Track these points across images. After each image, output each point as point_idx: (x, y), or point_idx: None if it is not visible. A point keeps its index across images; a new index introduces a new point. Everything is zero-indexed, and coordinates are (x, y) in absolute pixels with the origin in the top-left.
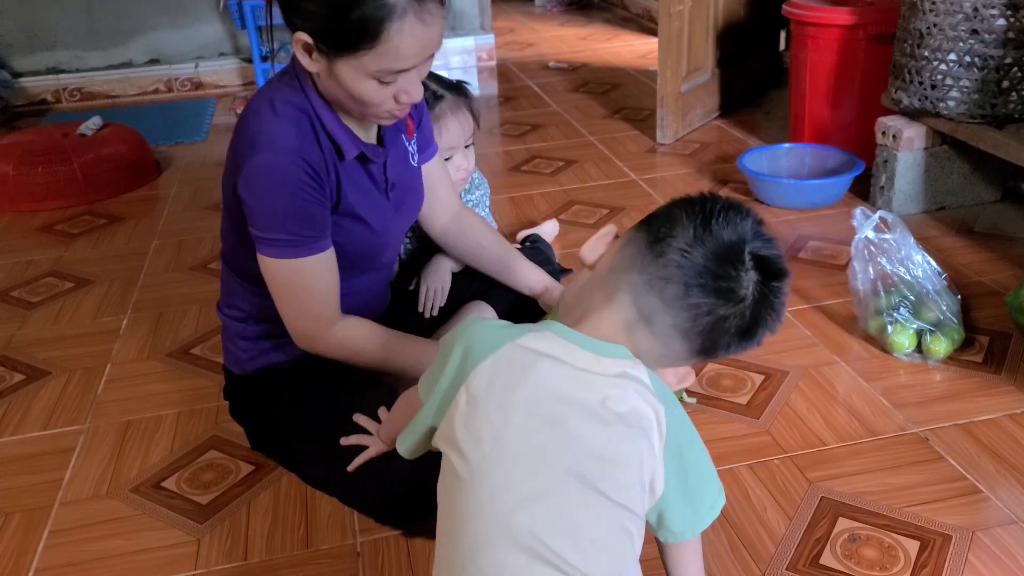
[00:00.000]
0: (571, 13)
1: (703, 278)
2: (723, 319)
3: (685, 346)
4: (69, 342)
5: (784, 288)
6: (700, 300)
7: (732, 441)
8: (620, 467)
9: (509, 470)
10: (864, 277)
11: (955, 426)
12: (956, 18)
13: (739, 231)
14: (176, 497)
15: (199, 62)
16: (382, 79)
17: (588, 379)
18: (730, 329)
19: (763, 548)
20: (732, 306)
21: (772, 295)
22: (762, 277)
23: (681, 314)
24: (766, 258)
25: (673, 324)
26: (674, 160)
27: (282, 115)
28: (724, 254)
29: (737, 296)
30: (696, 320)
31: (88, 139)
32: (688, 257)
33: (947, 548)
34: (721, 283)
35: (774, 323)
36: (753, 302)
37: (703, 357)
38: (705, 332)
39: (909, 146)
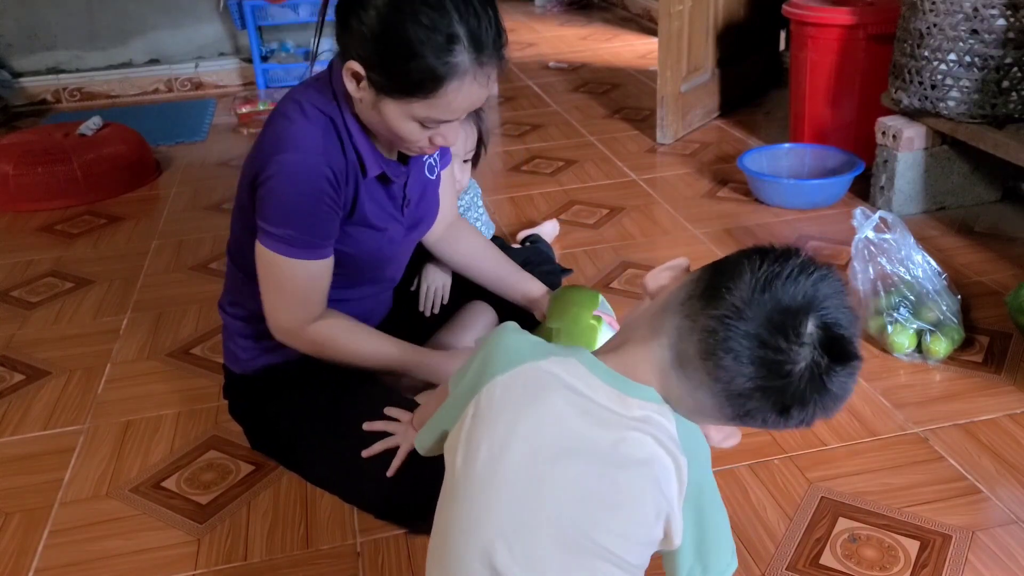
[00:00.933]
0: (571, 13)
1: (747, 342)
2: (759, 391)
3: (714, 405)
4: (69, 342)
5: (848, 374)
6: (737, 366)
7: None
8: (620, 514)
9: (499, 498)
10: (864, 277)
11: (955, 426)
12: (956, 18)
13: (808, 296)
14: (176, 497)
15: (199, 62)
16: (426, 124)
17: (605, 417)
18: (766, 405)
19: (763, 548)
20: (773, 381)
21: (828, 378)
22: (823, 355)
23: (715, 373)
24: (835, 335)
25: (704, 381)
26: (674, 160)
27: (312, 119)
28: (780, 321)
29: (783, 371)
30: (730, 384)
31: (88, 139)
32: (737, 316)
33: (947, 548)
34: (768, 353)
35: (825, 409)
36: (802, 382)
37: (736, 422)
38: (736, 399)
39: (909, 146)
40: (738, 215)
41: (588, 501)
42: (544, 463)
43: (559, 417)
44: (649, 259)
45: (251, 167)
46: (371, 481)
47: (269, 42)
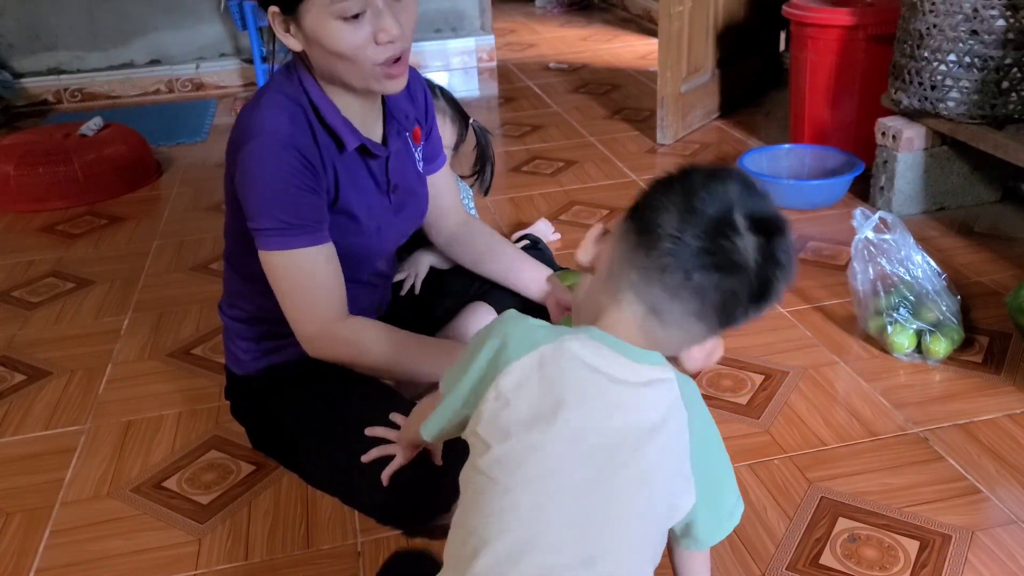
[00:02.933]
0: (571, 14)
1: (700, 259)
2: (732, 292)
3: (702, 326)
4: (70, 342)
5: (787, 241)
6: (703, 281)
7: (732, 441)
8: (655, 487)
9: (551, 504)
10: (864, 277)
11: (955, 426)
12: (956, 19)
13: (724, 199)
14: (177, 497)
15: (200, 63)
16: (344, 14)
17: (631, 396)
18: (742, 298)
19: (763, 548)
20: (738, 276)
21: (776, 252)
22: (761, 237)
23: (689, 300)
24: (760, 217)
25: (684, 311)
26: (674, 160)
27: (275, 106)
28: (714, 228)
29: (739, 265)
30: (706, 300)
31: (89, 139)
32: (680, 243)
33: (947, 548)
34: (720, 258)
35: (785, 278)
36: (758, 266)
37: (723, 329)
38: (719, 308)
39: (909, 146)
40: None
41: (633, 484)
42: (588, 463)
43: (595, 412)
44: None
45: (228, 168)
46: (370, 485)
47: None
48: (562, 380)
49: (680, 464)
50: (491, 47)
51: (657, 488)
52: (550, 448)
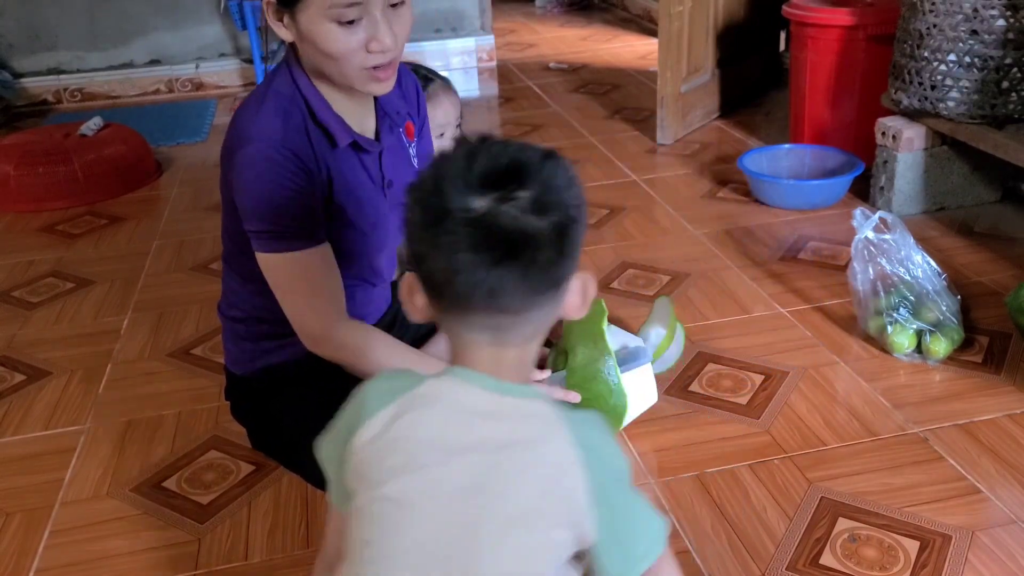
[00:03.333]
0: (571, 14)
1: (465, 238)
2: (517, 259)
3: (538, 297)
4: (70, 342)
5: (532, 178)
6: (481, 277)
7: (732, 441)
8: (527, 528)
9: (407, 556)
10: (864, 277)
11: (955, 426)
12: (956, 19)
13: (440, 189)
14: (177, 497)
15: (200, 63)
16: (340, 19)
17: (494, 434)
18: (530, 255)
19: (763, 548)
20: (507, 244)
21: (517, 196)
22: (495, 191)
23: (502, 295)
24: (484, 174)
25: (510, 307)
26: (674, 160)
27: (269, 108)
28: (448, 218)
29: (498, 234)
30: (509, 286)
31: (89, 139)
32: (435, 244)
33: (947, 548)
34: (478, 243)
35: (555, 208)
36: (515, 216)
37: (555, 279)
38: (528, 279)
39: (909, 146)
40: (738, 216)
41: (494, 524)
42: (446, 501)
43: (451, 451)
44: (649, 259)
45: (224, 171)
46: None
47: (269, 42)
48: (418, 428)
49: (566, 504)
50: (491, 47)
51: (536, 530)
52: (407, 499)
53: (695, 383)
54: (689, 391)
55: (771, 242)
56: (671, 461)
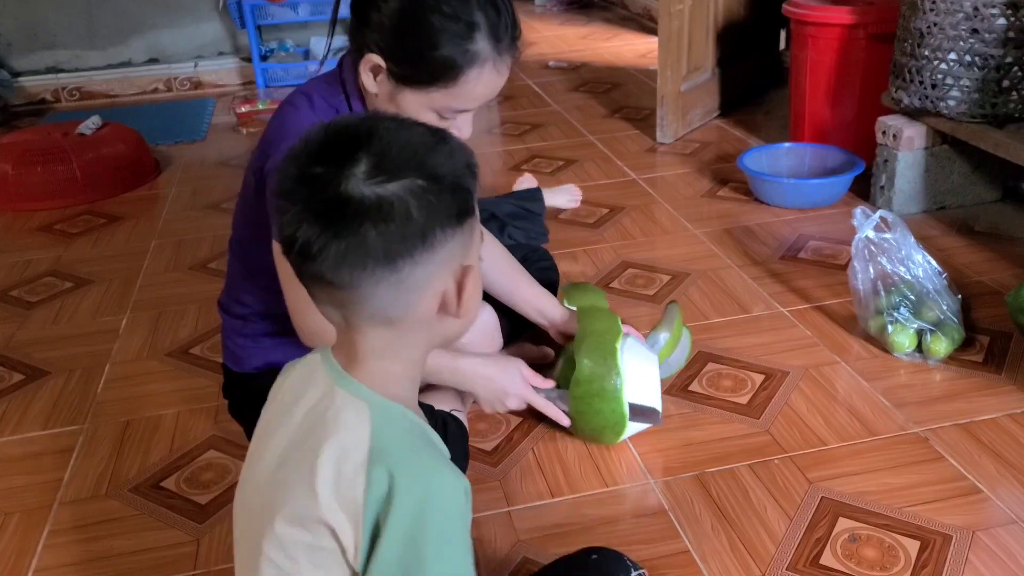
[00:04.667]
0: (571, 12)
1: (293, 215)
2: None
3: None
4: (68, 342)
5: (369, 145)
6: (294, 232)
7: (732, 441)
8: (296, 559)
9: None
10: (864, 277)
11: (955, 426)
12: (956, 17)
13: (295, 160)
14: (175, 497)
15: (198, 61)
16: (443, 115)
17: (310, 417)
18: (389, 223)
19: (763, 548)
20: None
21: (357, 163)
22: (334, 163)
23: (318, 274)
24: (322, 146)
25: (357, 266)
26: (674, 159)
27: (318, 110)
28: (289, 189)
29: (342, 202)
30: (356, 251)
31: (87, 138)
32: (292, 224)
33: (947, 548)
34: (303, 200)
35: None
36: (359, 179)
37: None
38: (390, 244)
39: (909, 145)
40: (738, 215)
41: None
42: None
43: (266, 448)
44: (649, 259)
45: (258, 157)
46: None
47: (269, 41)
48: (278, 393)
49: (330, 495)
50: None
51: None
52: (252, 456)
53: (695, 383)
54: (689, 391)
55: (771, 241)
56: (671, 461)
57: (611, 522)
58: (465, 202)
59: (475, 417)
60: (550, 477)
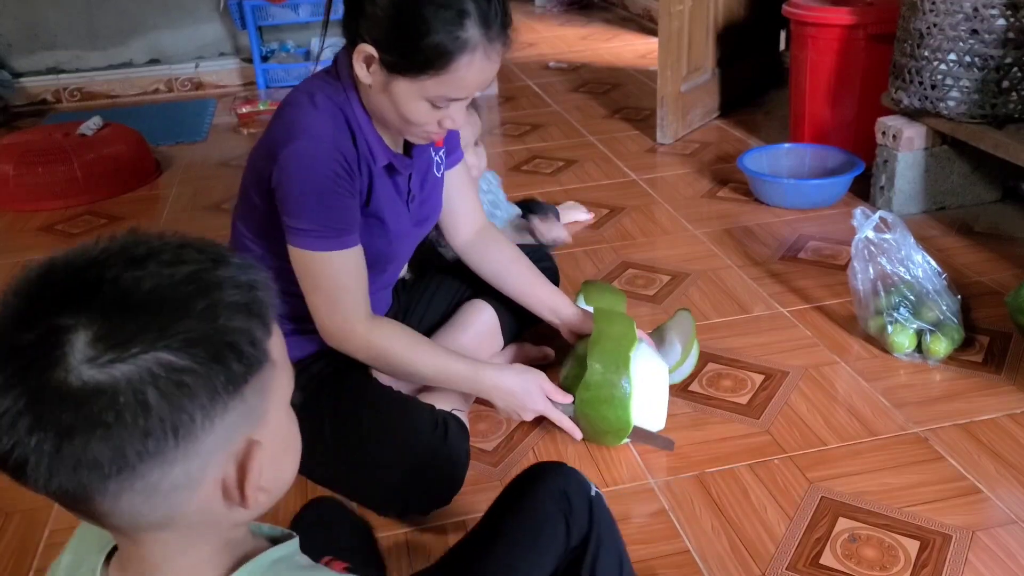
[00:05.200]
0: (571, 13)
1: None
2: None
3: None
4: None
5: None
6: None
7: (732, 441)
8: None
9: None
10: (864, 277)
11: (955, 426)
12: (956, 18)
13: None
14: None
15: (199, 62)
16: (436, 104)
17: None
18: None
19: (763, 548)
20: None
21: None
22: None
23: (81, 491)
24: (38, 293)
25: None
26: (674, 160)
27: (321, 108)
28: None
29: (55, 394)
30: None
31: (88, 139)
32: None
33: (947, 548)
34: (36, 402)
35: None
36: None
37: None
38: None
39: (909, 146)
40: (738, 215)
41: None
42: None
43: None
44: (649, 259)
45: (262, 157)
46: (381, 475)
47: (269, 42)
48: None
49: None
50: None
51: None
52: None
53: (695, 383)
54: (689, 391)
55: (771, 242)
56: (671, 461)
57: None
58: (244, 361)
59: (475, 417)
60: None
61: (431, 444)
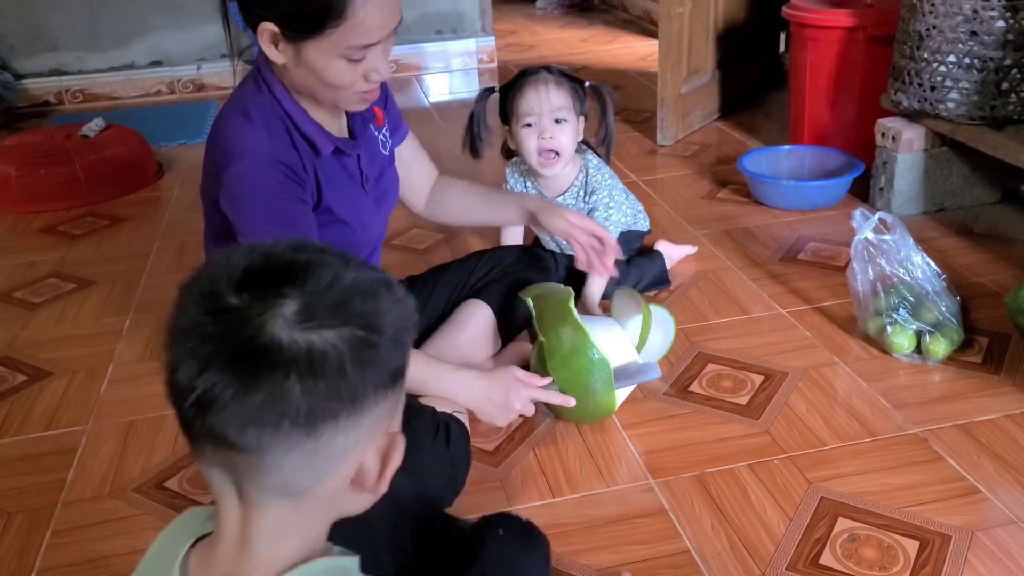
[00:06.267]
0: (572, 15)
1: (191, 350)
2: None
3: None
4: (72, 343)
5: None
6: (191, 376)
7: (732, 441)
8: None
9: None
10: (864, 278)
11: (955, 426)
12: (955, 20)
13: (207, 288)
14: (178, 497)
15: (201, 64)
16: (351, 57)
17: None
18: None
19: (763, 548)
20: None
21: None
22: (251, 287)
23: (210, 430)
24: (252, 267)
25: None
26: (674, 162)
27: (253, 120)
28: (192, 321)
29: (265, 348)
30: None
31: (90, 140)
32: (191, 366)
33: (947, 548)
34: (205, 336)
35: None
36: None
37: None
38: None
39: (908, 147)
40: (738, 216)
41: None
42: None
43: None
44: None
45: (209, 184)
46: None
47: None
48: None
49: None
50: (491, 48)
51: None
52: None
53: (695, 383)
54: (689, 391)
55: (771, 243)
56: (671, 461)
57: (611, 522)
58: (403, 361)
59: (477, 419)
60: (551, 477)
61: (433, 449)
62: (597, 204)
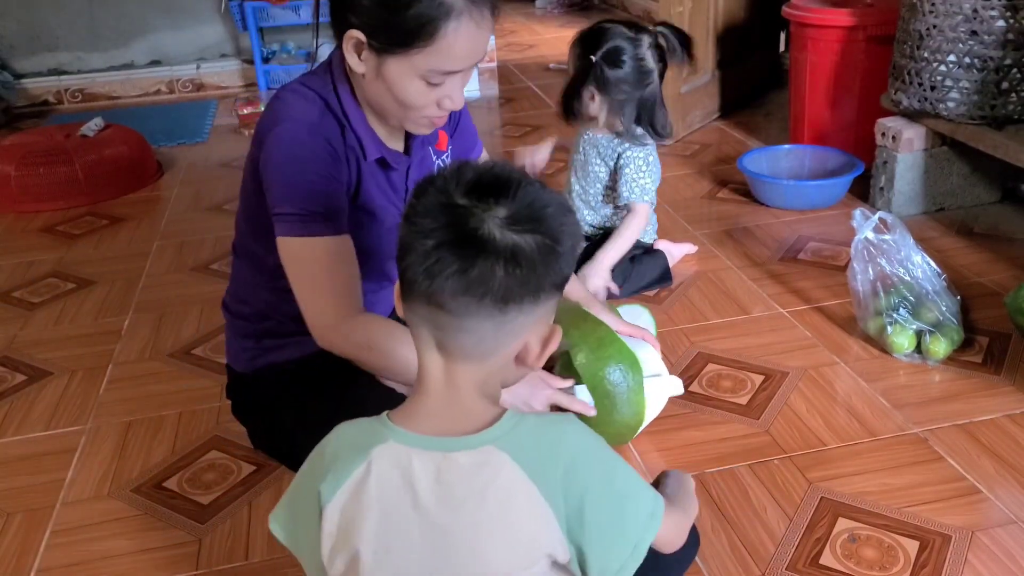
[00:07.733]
0: (571, 15)
1: (424, 232)
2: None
3: (486, 323)
4: (71, 343)
5: (516, 195)
6: (422, 253)
7: (732, 441)
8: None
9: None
10: (864, 278)
11: (955, 426)
12: (955, 19)
13: (441, 189)
14: (177, 497)
15: (200, 63)
16: (430, 80)
17: (440, 492)
18: (492, 269)
19: (763, 548)
20: (488, 257)
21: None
22: (481, 193)
23: (428, 294)
24: (473, 178)
25: (467, 315)
26: (674, 161)
27: (307, 98)
28: (426, 211)
29: (483, 239)
30: (473, 290)
31: (90, 140)
32: (425, 243)
33: (947, 548)
34: (438, 225)
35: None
36: (491, 228)
37: (508, 311)
38: (499, 297)
39: (909, 147)
40: (738, 216)
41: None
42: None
43: (406, 526)
44: None
45: (254, 147)
46: None
47: (270, 43)
48: (383, 491)
49: (534, 546)
50: (491, 48)
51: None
52: (386, 552)
53: (695, 383)
54: (689, 391)
55: (771, 243)
56: (671, 461)
57: None
58: (571, 271)
59: None
60: None
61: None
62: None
